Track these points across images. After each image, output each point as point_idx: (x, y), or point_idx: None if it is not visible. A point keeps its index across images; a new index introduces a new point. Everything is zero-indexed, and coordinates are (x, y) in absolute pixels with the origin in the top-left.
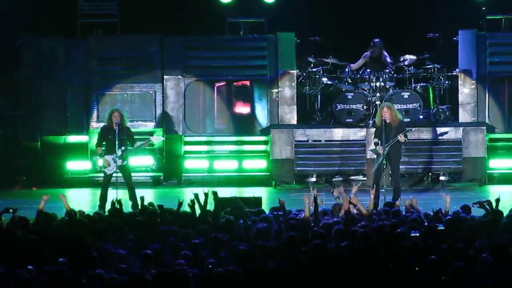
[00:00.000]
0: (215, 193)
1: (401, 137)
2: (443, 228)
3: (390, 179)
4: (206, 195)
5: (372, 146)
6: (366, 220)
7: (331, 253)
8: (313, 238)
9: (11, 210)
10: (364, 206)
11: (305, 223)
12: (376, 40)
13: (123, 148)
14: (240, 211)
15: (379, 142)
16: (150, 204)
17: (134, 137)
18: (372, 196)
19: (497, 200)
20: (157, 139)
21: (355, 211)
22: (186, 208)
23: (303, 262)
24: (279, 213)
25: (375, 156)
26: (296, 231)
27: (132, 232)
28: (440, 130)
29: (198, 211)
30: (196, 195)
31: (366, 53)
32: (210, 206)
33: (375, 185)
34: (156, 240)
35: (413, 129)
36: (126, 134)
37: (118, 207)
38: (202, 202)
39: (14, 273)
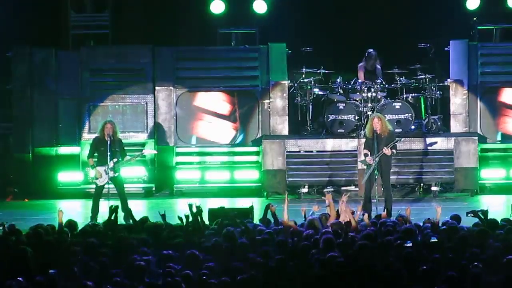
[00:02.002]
0: (198, 209)
1: (386, 150)
2: (436, 240)
3: (382, 189)
4: (198, 210)
5: (362, 157)
6: (354, 231)
7: (320, 263)
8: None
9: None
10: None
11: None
12: (371, 50)
13: (115, 160)
14: (233, 222)
15: (369, 153)
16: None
17: (125, 149)
18: (358, 212)
19: (485, 212)
20: (150, 152)
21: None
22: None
23: (292, 272)
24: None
25: (365, 167)
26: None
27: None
28: (430, 140)
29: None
30: (190, 206)
31: (361, 64)
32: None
33: (365, 198)
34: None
35: (402, 139)
36: (118, 146)
37: (113, 217)
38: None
39: (5, 285)
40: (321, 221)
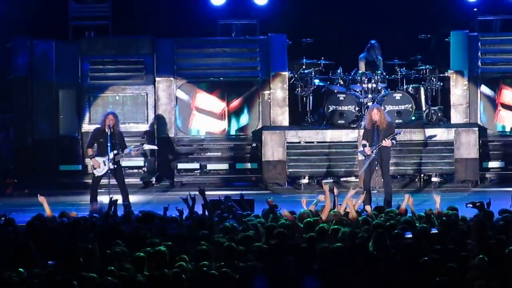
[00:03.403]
0: (202, 192)
1: (386, 142)
2: (436, 231)
3: (382, 180)
4: (193, 199)
5: (361, 148)
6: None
7: (322, 254)
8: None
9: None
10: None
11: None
12: (373, 41)
13: (115, 151)
14: (232, 214)
15: (367, 143)
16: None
17: (125, 142)
18: (359, 201)
19: (488, 204)
20: (150, 147)
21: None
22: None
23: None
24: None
25: (364, 157)
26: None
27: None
28: (430, 131)
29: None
30: (185, 200)
31: (362, 55)
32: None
33: (364, 189)
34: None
35: (401, 132)
36: (118, 139)
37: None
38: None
39: (4, 276)
40: (312, 214)
